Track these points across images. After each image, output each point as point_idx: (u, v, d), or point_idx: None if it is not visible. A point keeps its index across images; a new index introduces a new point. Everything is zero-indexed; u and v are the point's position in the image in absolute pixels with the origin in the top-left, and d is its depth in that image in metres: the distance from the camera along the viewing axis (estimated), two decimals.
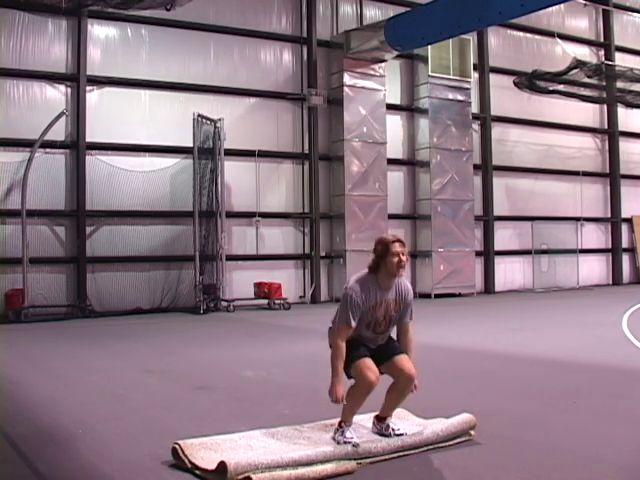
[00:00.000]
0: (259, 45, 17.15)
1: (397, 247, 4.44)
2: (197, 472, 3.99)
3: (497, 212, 20.34)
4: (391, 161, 18.27)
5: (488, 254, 20.08)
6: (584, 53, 21.76)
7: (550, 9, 19.33)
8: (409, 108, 19.15)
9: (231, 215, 16.16)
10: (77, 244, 14.71)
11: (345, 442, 4.33)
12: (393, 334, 4.72)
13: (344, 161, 17.30)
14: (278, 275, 16.67)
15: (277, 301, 15.61)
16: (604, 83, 20.33)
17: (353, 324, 4.40)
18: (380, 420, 4.66)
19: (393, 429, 4.58)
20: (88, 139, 14.83)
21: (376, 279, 4.50)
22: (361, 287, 4.45)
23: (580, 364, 7.76)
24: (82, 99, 14.81)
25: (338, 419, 4.58)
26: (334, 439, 4.42)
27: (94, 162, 14.89)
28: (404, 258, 4.46)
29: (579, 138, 22.31)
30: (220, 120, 15.50)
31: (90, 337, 11.32)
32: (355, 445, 4.16)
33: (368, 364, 4.37)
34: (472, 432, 4.57)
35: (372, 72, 17.80)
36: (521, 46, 21.15)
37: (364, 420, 4.78)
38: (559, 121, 21.53)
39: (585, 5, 21.98)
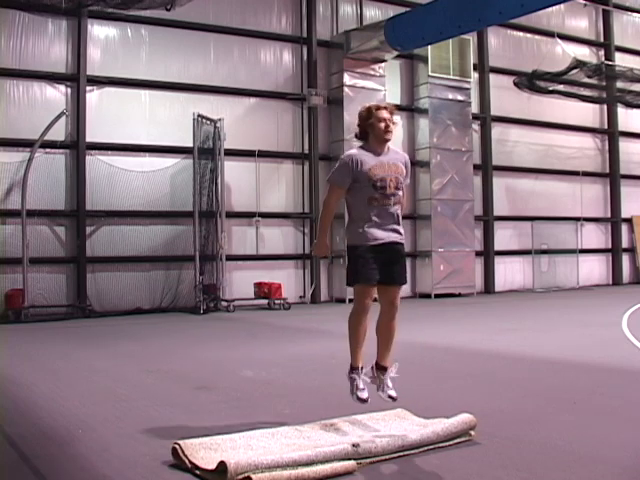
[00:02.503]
0: (259, 45, 17.16)
1: (382, 113, 4.58)
2: (197, 472, 3.98)
3: (497, 212, 20.35)
4: None
5: (488, 254, 20.08)
6: (584, 53, 21.76)
7: (550, 9, 19.32)
8: (409, 108, 19.15)
9: (231, 215, 16.16)
10: (77, 244, 14.71)
11: (357, 397, 4.51)
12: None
13: None
14: (278, 275, 16.67)
15: (277, 301, 15.62)
16: (604, 83, 20.32)
17: (341, 184, 4.66)
18: (379, 368, 4.71)
19: (387, 386, 4.68)
20: (88, 139, 14.83)
21: (368, 146, 4.69)
22: (354, 153, 4.67)
23: (580, 364, 7.76)
24: (82, 99, 14.81)
25: (338, 419, 4.59)
26: (348, 376, 4.67)
27: (94, 162, 14.89)
28: (391, 124, 4.60)
29: (579, 138, 22.31)
30: (220, 120, 15.50)
31: (90, 337, 11.33)
32: (355, 445, 4.16)
33: (368, 290, 4.59)
34: (472, 432, 4.57)
35: (372, 72, 17.80)
36: (521, 46, 21.16)
37: (364, 420, 4.78)
38: (559, 121, 21.53)
39: (585, 5, 21.98)
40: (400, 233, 4.76)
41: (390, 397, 4.66)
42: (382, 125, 4.57)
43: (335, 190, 4.68)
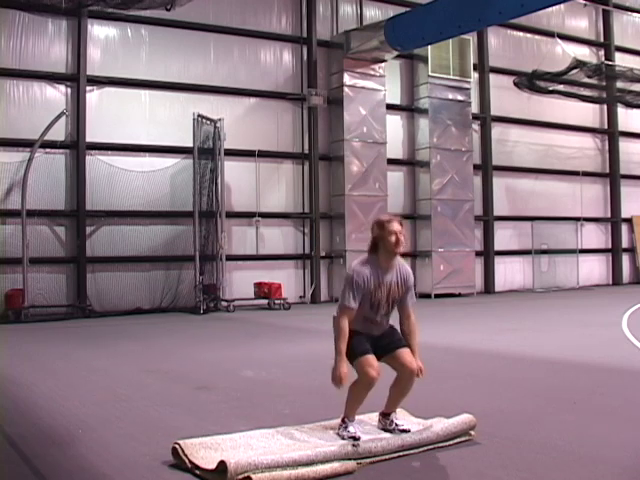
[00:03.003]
0: (259, 45, 17.16)
1: (394, 226, 4.51)
2: (197, 472, 3.99)
3: (497, 212, 20.35)
4: (391, 161, 18.27)
5: (488, 254, 20.08)
6: (584, 53, 21.77)
7: (550, 9, 19.33)
8: (409, 108, 19.15)
9: (231, 215, 16.16)
10: (77, 244, 14.71)
11: (349, 437, 4.37)
12: (396, 325, 4.72)
13: (344, 161, 17.30)
14: (278, 275, 16.67)
15: (277, 301, 15.61)
16: (604, 83, 20.32)
17: (354, 305, 4.48)
18: (385, 416, 4.69)
19: (397, 425, 4.61)
20: (88, 139, 14.83)
21: (377, 260, 4.57)
22: (363, 268, 4.53)
23: (580, 364, 7.76)
24: (82, 99, 14.82)
25: (338, 419, 4.59)
26: (338, 434, 4.47)
27: (94, 162, 14.90)
28: (401, 237, 4.53)
29: (579, 138, 22.32)
30: (220, 120, 15.50)
31: (90, 337, 11.32)
32: (355, 445, 4.16)
33: (370, 361, 4.42)
34: (472, 432, 4.57)
35: (372, 72, 17.80)
36: (521, 46, 21.16)
37: (364, 420, 4.78)
38: (559, 121, 21.54)
39: (585, 5, 21.98)
40: (388, 324, 4.74)
41: (404, 431, 4.60)
42: (393, 239, 4.51)
43: (347, 311, 4.51)
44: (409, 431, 4.53)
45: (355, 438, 4.36)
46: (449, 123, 18.96)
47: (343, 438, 4.40)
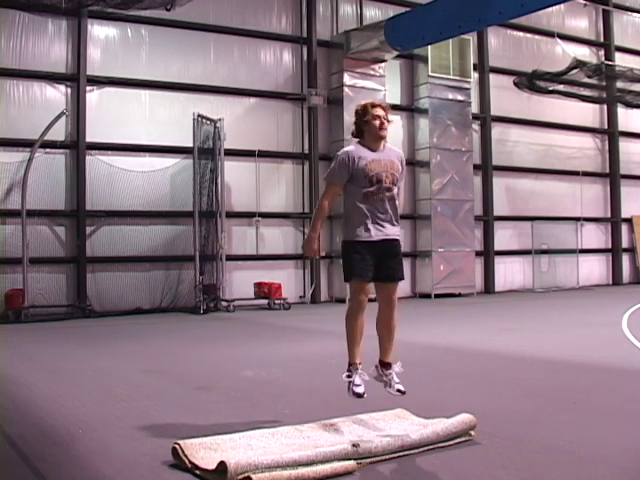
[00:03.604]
0: (259, 45, 17.16)
1: (377, 110, 4.63)
2: (197, 472, 3.98)
3: (497, 212, 20.35)
4: None
5: (488, 254, 20.08)
6: (584, 53, 21.76)
7: (550, 9, 19.33)
8: (409, 108, 19.15)
9: (231, 215, 16.16)
10: (77, 244, 14.71)
11: (353, 393, 4.56)
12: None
13: None
14: (278, 275, 16.67)
15: (277, 301, 15.62)
16: (604, 83, 20.32)
17: (337, 181, 4.73)
18: (384, 366, 4.72)
19: (395, 382, 4.71)
20: (88, 139, 14.83)
21: (363, 142, 4.75)
22: (349, 148, 4.76)
23: (580, 364, 7.76)
24: (82, 99, 14.81)
25: (338, 419, 4.59)
26: (345, 380, 4.68)
27: (94, 162, 14.89)
28: (385, 121, 4.68)
29: (579, 138, 22.32)
30: (220, 120, 15.50)
31: (90, 337, 11.33)
32: (355, 445, 4.16)
33: (363, 286, 4.63)
34: (472, 432, 4.57)
35: (372, 72, 17.80)
36: (521, 46, 21.16)
37: (364, 420, 4.78)
38: (559, 121, 21.54)
39: (585, 5, 21.98)
40: (396, 229, 4.79)
41: (399, 391, 4.66)
42: (377, 122, 4.64)
43: (332, 188, 4.75)
44: (404, 393, 4.65)
45: (359, 395, 4.51)
46: (449, 123, 18.95)
47: (348, 389, 4.64)
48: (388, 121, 4.72)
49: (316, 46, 17.61)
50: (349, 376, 4.65)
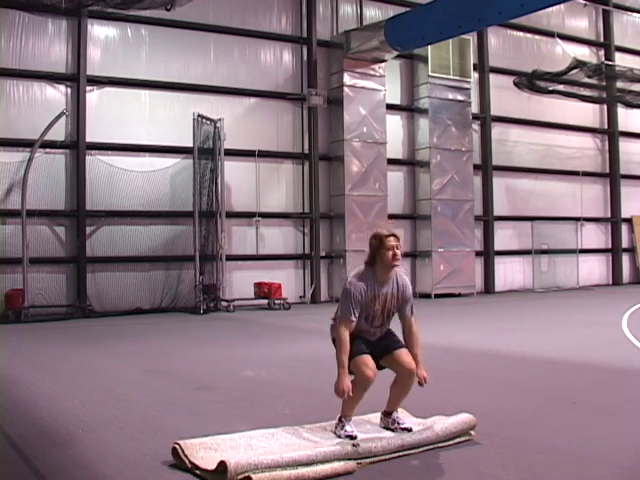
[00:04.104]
0: (259, 45, 17.16)
1: (391, 241, 4.57)
2: (197, 472, 3.99)
3: (497, 212, 20.35)
4: (391, 161, 18.27)
5: (488, 254, 20.08)
6: (584, 53, 21.77)
7: (550, 9, 19.33)
8: (409, 108, 19.15)
9: (231, 215, 16.16)
10: (77, 244, 14.71)
11: (346, 436, 4.40)
12: (395, 331, 4.74)
13: (344, 161, 17.30)
14: (278, 275, 16.67)
15: (277, 301, 15.61)
16: (604, 83, 20.32)
17: (354, 318, 4.51)
18: (387, 415, 4.71)
19: (399, 423, 4.63)
20: (88, 139, 14.83)
21: (373, 273, 4.61)
22: (360, 281, 4.58)
23: (580, 364, 7.76)
24: (82, 99, 14.82)
25: (337, 418, 4.59)
26: (335, 433, 4.50)
27: (94, 162, 14.90)
28: (398, 252, 4.59)
29: (579, 138, 22.32)
30: (220, 120, 15.50)
31: (90, 337, 11.33)
32: (355, 445, 4.16)
33: (366, 360, 4.46)
34: (472, 432, 4.57)
35: (372, 72, 17.80)
36: (521, 46, 21.16)
37: (364, 420, 4.78)
38: (559, 121, 21.54)
39: (585, 5, 21.98)
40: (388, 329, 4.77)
41: (405, 429, 4.61)
42: (390, 254, 4.56)
43: (346, 324, 4.52)
44: (411, 430, 4.54)
45: (352, 437, 4.38)
46: (449, 123, 18.95)
47: (340, 437, 4.44)
48: (399, 250, 4.65)
49: (316, 46, 17.61)
50: (342, 427, 4.53)
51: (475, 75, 19.82)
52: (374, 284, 4.57)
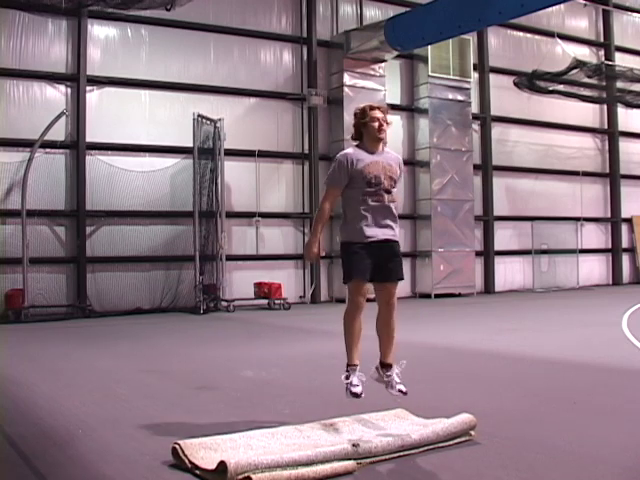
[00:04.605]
0: (259, 45, 17.16)
1: (376, 113, 4.66)
2: (197, 472, 3.98)
3: (497, 212, 20.35)
4: None
5: (488, 254, 20.08)
6: (584, 53, 21.76)
7: (550, 9, 19.33)
8: (409, 108, 19.15)
9: (231, 215, 16.16)
10: (77, 244, 14.71)
11: (348, 388, 4.56)
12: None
13: None
14: (278, 275, 16.67)
15: (277, 301, 15.61)
16: (604, 83, 20.32)
17: (338, 184, 4.74)
18: (384, 367, 4.71)
19: (396, 382, 4.70)
20: (88, 139, 14.83)
21: (362, 145, 4.79)
22: (347, 150, 4.81)
23: (580, 364, 7.76)
24: (82, 99, 14.82)
25: (338, 419, 4.59)
26: (343, 381, 4.67)
27: (94, 162, 14.89)
28: (384, 123, 4.72)
29: (579, 138, 22.32)
30: (220, 120, 15.50)
31: (90, 337, 11.33)
32: (355, 445, 4.16)
33: (361, 287, 4.65)
34: (472, 432, 4.57)
35: (372, 72, 17.80)
36: (521, 46, 21.16)
37: (364, 419, 4.78)
38: (559, 121, 21.54)
39: (585, 5, 21.98)
40: (394, 230, 4.80)
41: (400, 391, 4.65)
42: (376, 125, 4.66)
43: (332, 191, 4.77)
44: (406, 393, 4.63)
45: (356, 395, 4.51)
46: (449, 123, 18.95)
47: (346, 389, 4.62)
48: (387, 123, 4.74)
49: (316, 46, 17.61)
50: (347, 377, 4.65)
51: (475, 75, 19.82)
52: (366, 154, 4.73)
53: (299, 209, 17.49)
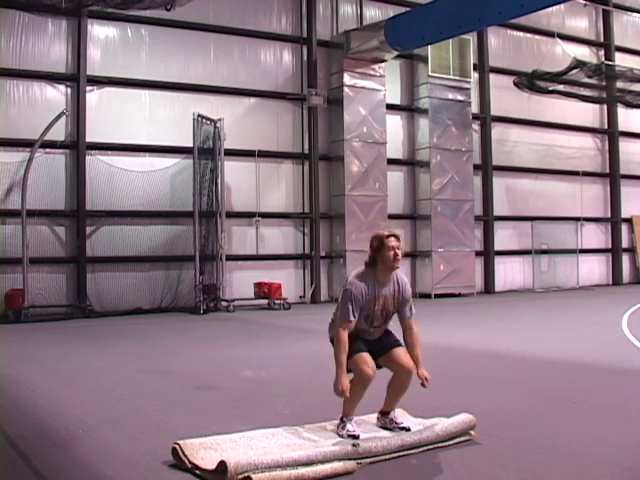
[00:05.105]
0: (259, 45, 17.16)
1: (392, 241, 4.56)
2: (197, 472, 3.99)
3: (497, 212, 20.35)
4: (391, 161, 18.27)
5: (488, 254, 20.08)
6: (584, 53, 21.76)
7: (550, 9, 19.33)
8: (409, 108, 19.15)
9: (231, 215, 16.16)
10: (77, 244, 14.71)
11: (348, 435, 4.42)
12: (394, 331, 4.74)
13: (344, 161, 17.30)
14: (278, 275, 16.67)
15: (277, 301, 15.61)
16: (604, 83, 20.32)
17: (353, 318, 4.50)
18: (384, 415, 4.71)
19: (396, 423, 4.64)
20: (88, 139, 14.83)
21: (374, 274, 4.60)
22: (360, 282, 4.57)
23: (580, 364, 7.76)
24: (82, 99, 14.81)
25: (338, 418, 4.59)
26: (337, 433, 4.51)
27: (94, 162, 14.89)
28: (399, 252, 4.58)
29: (579, 138, 22.32)
30: (220, 120, 15.50)
31: (90, 337, 11.33)
32: (355, 445, 4.17)
33: (365, 359, 4.48)
34: (472, 432, 4.57)
35: (372, 72, 17.80)
36: (521, 46, 21.16)
37: (364, 420, 4.78)
38: (559, 121, 21.54)
39: (585, 5, 21.98)
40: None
41: (403, 429, 4.62)
42: (391, 254, 4.54)
43: (346, 324, 4.51)
44: (409, 429, 4.55)
45: (354, 437, 4.39)
46: (449, 123, 18.95)
47: (342, 437, 4.44)
48: (401, 250, 4.66)
49: (316, 46, 17.61)
50: (343, 427, 4.54)
51: (475, 75, 19.82)
52: (374, 285, 4.57)
53: (299, 209, 17.49)
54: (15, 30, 14.35)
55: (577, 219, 21.99)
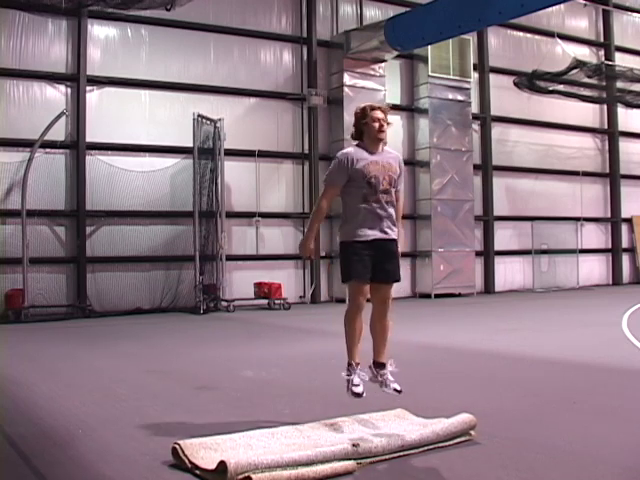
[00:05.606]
0: (259, 45, 17.16)
1: (377, 113, 4.67)
2: (197, 472, 3.98)
3: (497, 212, 20.35)
4: None
5: (488, 254, 20.08)
6: (584, 53, 21.76)
7: (550, 9, 19.33)
8: (409, 108, 19.15)
9: (231, 215, 16.16)
10: (77, 244, 14.71)
11: (350, 386, 4.58)
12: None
13: None
14: (278, 275, 16.67)
15: (277, 301, 15.61)
16: (604, 83, 20.33)
17: (336, 182, 4.76)
18: (378, 366, 4.72)
19: (390, 380, 4.71)
20: (88, 139, 14.83)
21: (362, 144, 4.79)
22: (348, 150, 4.80)
23: (580, 364, 7.76)
24: (82, 99, 14.82)
25: (338, 419, 4.59)
26: (345, 379, 4.69)
27: (94, 162, 14.89)
28: (384, 123, 4.73)
29: (579, 138, 22.32)
30: (220, 120, 15.50)
31: (90, 337, 11.33)
32: (355, 445, 4.16)
33: (361, 288, 4.68)
34: (472, 432, 4.57)
35: (372, 72, 17.80)
36: (521, 46, 21.16)
37: (364, 419, 4.78)
38: (559, 121, 21.54)
39: (585, 5, 21.98)
40: (393, 231, 4.82)
41: (395, 390, 4.66)
42: (376, 125, 4.67)
43: (330, 190, 4.81)
44: (400, 392, 4.64)
45: (357, 395, 4.51)
46: (449, 123, 18.95)
47: (347, 389, 4.65)
48: (387, 123, 4.75)
49: (316, 46, 17.61)
50: (348, 374, 4.66)
51: (475, 75, 19.82)
52: (366, 154, 4.73)
53: (299, 209, 17.49)
54: (15, 30, 14.35)
55: (577, 219, 21.99)
